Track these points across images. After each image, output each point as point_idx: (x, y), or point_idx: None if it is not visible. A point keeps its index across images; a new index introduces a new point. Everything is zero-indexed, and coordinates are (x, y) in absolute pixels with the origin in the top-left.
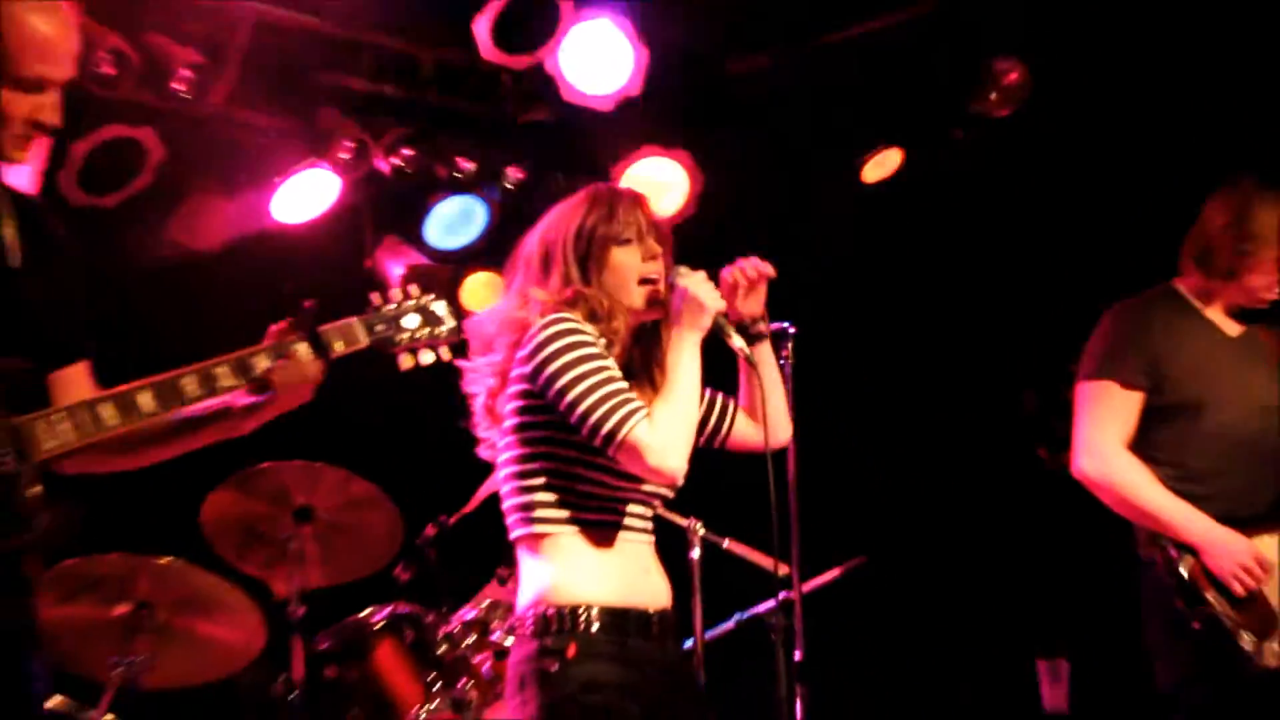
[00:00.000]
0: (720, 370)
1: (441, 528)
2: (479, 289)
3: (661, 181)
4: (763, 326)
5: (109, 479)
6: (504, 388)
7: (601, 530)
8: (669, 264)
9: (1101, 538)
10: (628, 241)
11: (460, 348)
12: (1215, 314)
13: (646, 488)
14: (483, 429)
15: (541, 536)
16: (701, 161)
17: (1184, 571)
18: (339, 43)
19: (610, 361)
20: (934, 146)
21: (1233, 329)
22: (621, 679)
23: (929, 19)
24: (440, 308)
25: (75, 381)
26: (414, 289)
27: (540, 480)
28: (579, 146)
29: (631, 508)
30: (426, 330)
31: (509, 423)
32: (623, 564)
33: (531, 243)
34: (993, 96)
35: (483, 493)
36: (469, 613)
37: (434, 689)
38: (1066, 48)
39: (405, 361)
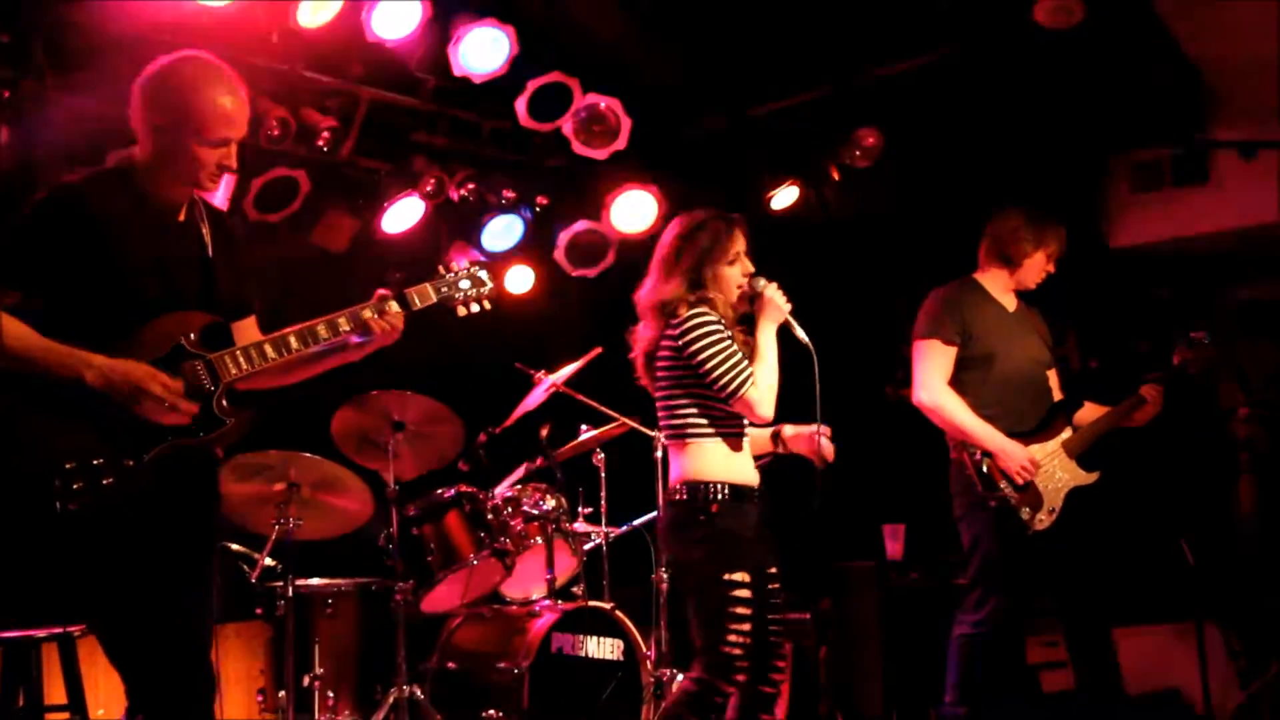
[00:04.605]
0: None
1: (490, 435)
2: (516, 276)
3: (639, 207)
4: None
5: (274, 399)
6: (653, 349)
7: (724, 438)
8: (751, 274)
9: (926, 443)
10: (733, 261)
11: (495, 301)
12: (1001, 296)
13: None
14: (639, 367)
15: (688, 441)
16: (665, 193)
17: (985, 468)
18: (427, 113)
19: (730, 339)
20: (818, 186)
21: (1012, 305)
22: (740, 529)
23: (813, 102)
24: (484, 274)
25: (248, 329)
26: (466, 262)
27: (687, 409)
28: (584, 183)
29: (737, 422)
30: (475, 290)
31: (664, 374)
32: (737, 457)
33: (670, 247)
34: (857, 153)
35: (518, 413)
36: (508, 492)
37: (483, 542)
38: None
39: (461, 311)
